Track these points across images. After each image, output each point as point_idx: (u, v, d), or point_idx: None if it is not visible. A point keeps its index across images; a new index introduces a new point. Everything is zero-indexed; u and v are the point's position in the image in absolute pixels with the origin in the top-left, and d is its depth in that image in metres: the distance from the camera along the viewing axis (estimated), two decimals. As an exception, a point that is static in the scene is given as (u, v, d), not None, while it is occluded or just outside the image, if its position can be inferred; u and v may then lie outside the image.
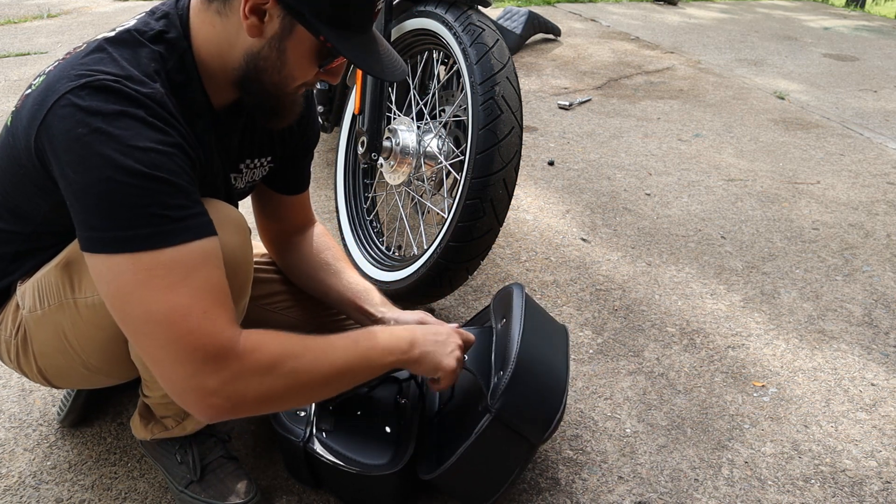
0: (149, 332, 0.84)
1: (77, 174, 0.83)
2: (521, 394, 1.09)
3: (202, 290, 0.85)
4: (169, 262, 0.83)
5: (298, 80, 0.98)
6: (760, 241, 2.15)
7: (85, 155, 0.82)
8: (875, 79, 4.06)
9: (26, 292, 1.03)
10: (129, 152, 0.82)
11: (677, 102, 3.46)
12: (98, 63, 0.87)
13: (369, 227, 1.95)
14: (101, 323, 0.99)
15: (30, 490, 1.21)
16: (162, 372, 0.86)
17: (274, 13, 0.90)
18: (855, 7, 6.83)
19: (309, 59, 0.96)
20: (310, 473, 1.17)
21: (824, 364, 1.60)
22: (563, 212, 2.30)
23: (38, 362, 1.08)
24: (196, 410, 0.87)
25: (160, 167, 0.84)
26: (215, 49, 0.96)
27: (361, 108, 1.74)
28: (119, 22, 1.13)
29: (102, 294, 0.86)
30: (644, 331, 1.70)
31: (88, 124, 0.82)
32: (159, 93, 0.88)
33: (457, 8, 1.61)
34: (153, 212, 0.83)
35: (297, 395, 0.95)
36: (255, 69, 0.95)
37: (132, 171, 0.82)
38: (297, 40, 0.93)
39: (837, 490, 1.26)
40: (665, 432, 1.38)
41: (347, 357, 0.97)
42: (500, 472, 1.12)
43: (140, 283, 0.83)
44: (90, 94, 0.84)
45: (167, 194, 0.84)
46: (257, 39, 0.93)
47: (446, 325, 1.15)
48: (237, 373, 0.86)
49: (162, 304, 0.83)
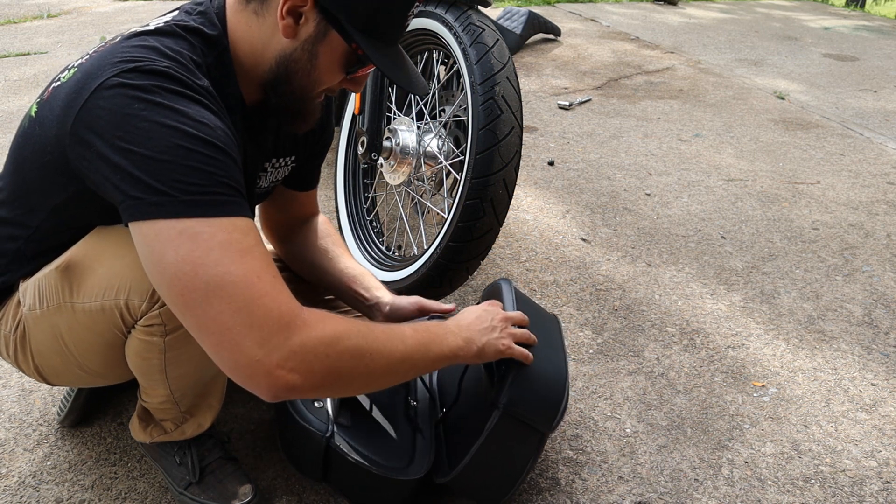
0: (224, 296, 0.80)
1: (139, 146, 0.80)
2: (527, 385, 1.09)
3: (265, 261, 0.84)
4: (242, 229, 0.83)
5: (325, 84, 1.00)
6: (760, 241, 2.15)
7: (146, 127, 0.80)
8: (875, 79, 4.06)
9: (28, 290, 1.03)
10: (194, 125, 0.82)
11: (677, 102, 3.46)
12: (144, 51, 0.86)
13: (369, 227, 1.95)
14: (98, 329, 0.99)
15: (30, 490, 1.21)
16: (231, 341, 0.81)
17: (310, 16, 0.92)
18: (855, 7, 6.83)
19: (338, 65, 0.97)
20: (322, 467, 1.13)
21: (824, 364, 1.60)
22: (563, 212, 2.30)
23: (34, 360, 1.08)
24: (264, 383, 0.83)
25: (226, 142, 0.85)
26: (249, 49, 0.97)
27: (361, 108, 1.74)
28: (119, 21, 1.12)
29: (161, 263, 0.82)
30: (644, 331, 1.70)
31: (146, 100, 0.81)
32: (208, 85, 0.89)
33: (457, 8, 1.61)
34: (224, 181, 0.83)
35: (360, 377, 0.91)
36: (285, 71, 0.97)
37: (201, 139, 0.82)
38: (330, 45, 0.94)
39: (837, 490, 1.26)
40: (665, 432, 1.38)
41: (409, 345, 0.96)
42: (513, 466, 1.12)
43: (218, 245, 0.81)
44: (142, 76, 0.83)
45: (234, 170, 0.85)
46: (290, 41, 0.94)
47: (482, 306, 1.14)
48: (305, 342, 0.84)
49: (240, 267, 0.81)
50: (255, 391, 0.84)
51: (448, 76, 1.88)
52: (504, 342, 1.08)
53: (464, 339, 1.04)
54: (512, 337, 1.10)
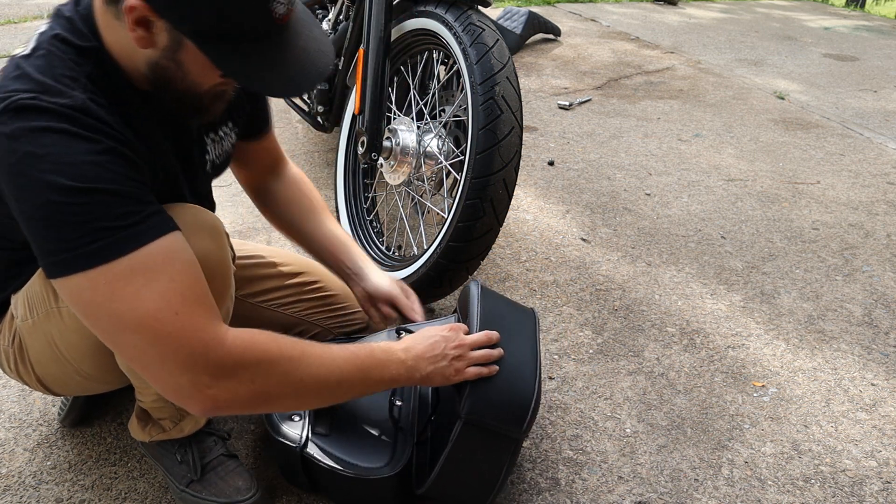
0: (127, 343, 0.84)
1: (20, 203, 0.81)
2: (487, 392, 1.07)
3: (169, 290, 0.83)
4: (126, 270, 0.82)
5: (205, 85, 0.93)
6: (760, 241, 2.15)
7: (21, 183, 0.81)
8: (875, 79, 4.06)
9: (18, 301, 1.04)
10: (61, 170, 0.80)
11: (677, 102, 3.46)
12: (13, 82, 0.84)
13: (369, 227, 1.95)
14: (85, 331, 0.99)
15: (30, 490, 1.21)
16: (152, 376, 0.86)
17: (160, 25, 0.84)
18: (855, 7, 6.82)
19: (210, 68, 0.88)
20: (306, 478, 1.16)
21: (824, 364, 1.60)
22: (563, 212, 2.30)
23: (35, 371, 1.08)
24: (191, 406, 0.88)
25: (97, 179, 0.81)
26: (123, 52, 0.90)
27: (361, 108, 1.74)
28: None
29: (77, 315, 0.87)
30: (644, 331, 1.70)
31: (15, 151, 0.80)
32: (80, 99, 0.84)
33: (457, 8, 1.61)
34: (99, 225, 0.81)
35: (291, 397, 0.95)
36: (160, 77, 0.90)
37: (69, 189, 0.79)
38: (190, 53, 0.87)
39: (837, 490, 1.26)
40: (665, 432, 1.38)
41: (345, 370, 0.97)
42: (489, 473, 1.11)
43: (105, 298, 0.82)
44: (10, 117, 0.81)
45: (110, 205, 0.81)
46: (152, 50, 0.87)
47: (442, 330, 1.11)
48: (227, 368, 0.86)
49: (132, 314, 0.82)
50: (188, 410, 0.89)
51: (448, 76, 1.87)
52: (453, 368, 1.06)
53: (406, 368, 1.04)
54: (469, 361, 1.08)
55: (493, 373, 1.08)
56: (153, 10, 0.82)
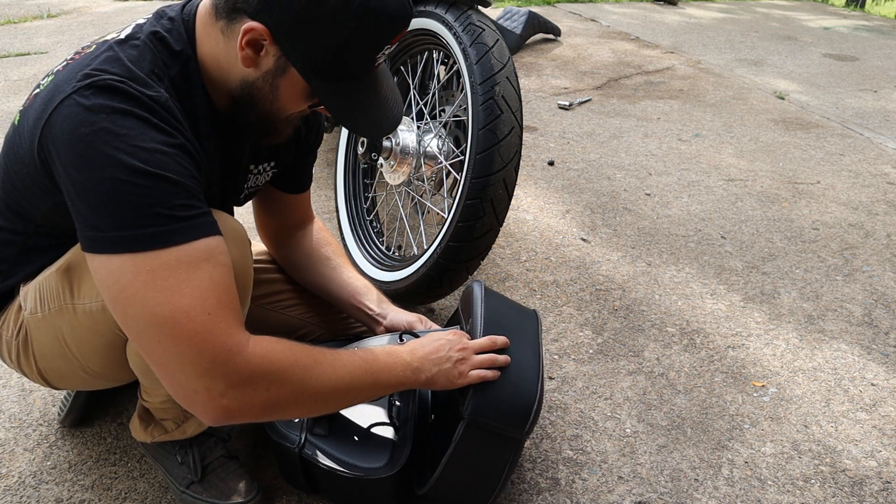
0: (153, 335, 0.83)
1: (81, 173, 0.82)
2: (491, 393, 1.08)
3: (207, 289, 0.84)
4: (173, 261, 0.82)
5: (289, 111, 0.99)
6: (760, 241, 2.15)
7: (89, 154, 0.81)
8: (875, 79, 4.06)
9: (28, 294, 1.03)
10: (134, 152, 0.82)
11: (677, 102, 3.46)
12: (104, 63, 0.87)
13: (369, 227, 1.95)
14: (99, 329, 0.99)
15: (30, 490, 1.21)
16: (167, 374, 0.85)
17: (270, 50, 0.90)
18: (855, 7, 6.83)
19: (301, 97, 0.96)
20: (306, 479, 1.16)
21: (824, 364, 1.60)
22: (563, 212, 2.30)
23: (37, 364, 1.08)
24: (201, 413, 0.87)
25: (165, 167, 0.83)
26: (216, 64, 0.95)
27: (361, 108, 1.74)
28: (119, 22, 1.12)
29: (104, 296, 0.86)
30: (644, 331, 1.70)
31: (93, 123, 0.82)
32: (164, 96, 0.88)
33: (457, 8, 1.61)
34: (158, 211, 0.82)
35: (302, 406, 0.95)
36: (249, 96, 0.95)
37: (137, 171, 0.81)
38: (290, 80, 0.93)
39: (837, 490, 1.26)
40: (665, 432, 1.38)
41: (355, 375, 0.98)
42: (491, 473, 1.11)
43: (143, 285, 0.82)
44: (95, 93, 0.83)
45: (172, 194, 0.83)
46: (253, 70, 0.92)
47: (446, 335, 1.13)
48: (245, 377, 0.86)
49: (166, 307, 0.82)
50: (197, 416, 0.88)
51: (448, 76, 1.88)
52: (457, 371, 1.07)
53: (412, 370, 1.05)
54: (472, 365, 1.09)
55: (496, 377, 1.09)
56: (271, 36, 0.88)
